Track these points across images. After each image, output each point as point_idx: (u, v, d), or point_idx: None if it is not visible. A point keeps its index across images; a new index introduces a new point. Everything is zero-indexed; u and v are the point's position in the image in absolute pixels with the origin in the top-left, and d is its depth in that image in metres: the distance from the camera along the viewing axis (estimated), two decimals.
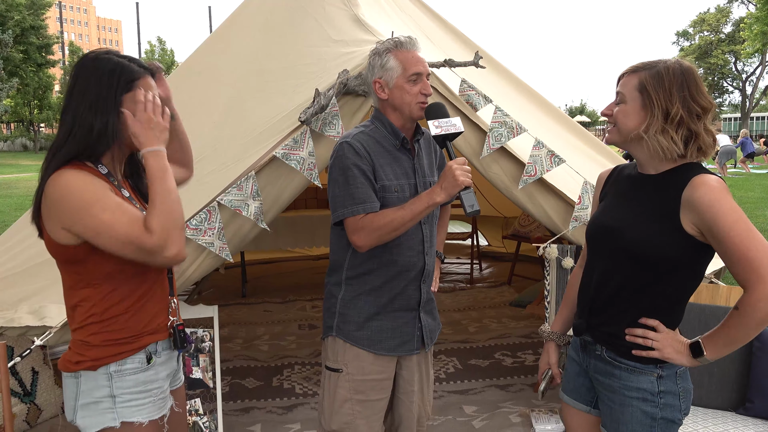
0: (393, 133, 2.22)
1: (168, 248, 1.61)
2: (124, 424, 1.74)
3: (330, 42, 3.63)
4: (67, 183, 1.63)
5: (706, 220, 1.64)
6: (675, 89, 1.72)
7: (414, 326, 2.29)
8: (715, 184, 1.66)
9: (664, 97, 1.72)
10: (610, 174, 2.06)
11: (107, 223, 1.59)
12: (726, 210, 1.61)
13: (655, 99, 1.73)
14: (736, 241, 1.60)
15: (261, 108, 3.37)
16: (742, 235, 1.60)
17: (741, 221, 1.61)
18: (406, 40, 2.22)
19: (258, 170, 2.94)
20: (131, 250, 1.62)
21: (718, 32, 57.31)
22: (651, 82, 1.75)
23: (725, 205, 1.62)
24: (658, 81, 1.74)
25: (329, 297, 2.30)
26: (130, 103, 1.72)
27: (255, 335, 5.14)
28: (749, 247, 1.59)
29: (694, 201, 1.66)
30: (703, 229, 1.66)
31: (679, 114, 1.70)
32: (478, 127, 3.23)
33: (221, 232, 2.88)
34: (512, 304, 5.76)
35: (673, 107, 1.71)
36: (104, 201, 1.62)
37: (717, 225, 1.62)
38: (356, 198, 2.09)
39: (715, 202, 1.63)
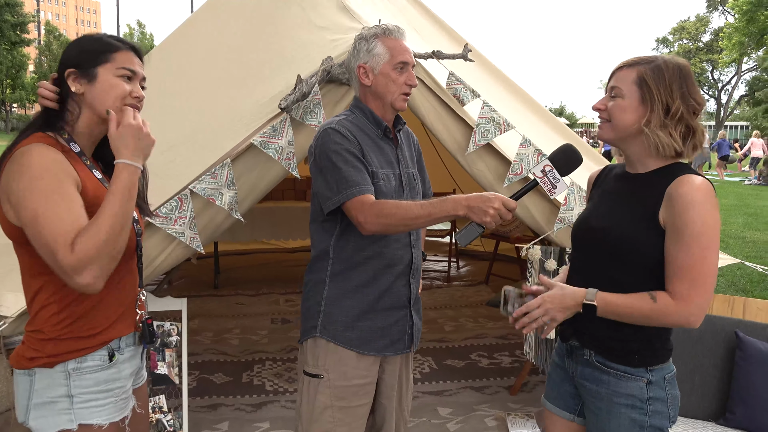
0: (375, 121, 2.13)
1: (81, 275, 1.43)
2: (81, 426, 1.60)
3: (314, 28, 3.49)
4: (30, 159, 1.49)
5: (675, 216, 1.61)
6: (675, 84, 1.68)
7: (405, 324, 2.19)
8: (701, 186, 1.62)
9: (664, 92, 1.68)
10: (598, 174, 2.01)
11: (40, 217, 1.44)
12: (699, 217, 1.58)
13: (656, 93, 1.69)
14: (691, 251, 1.59)
15: (240, 94, 3.23)
16: (700, 251, 1.59)
17: (706, 235, 1.58)
18: (393, 27, 2.13)
19: (234, 158, 2.81)
20: (48, 259, 1.46)
21: (696, 41, 58.21)
22: (651, 76, 1.70)
23: (700, 211, 1.59)
24: (659, 75, 1.69)
25: (311, 296, 2.18)
26: (108, 76, 1.61)
27: (225, 328, 5.00)
28: (696, 266, 1.59)
29: (673, 195, 1.63)
30: (668, 222, 1.64)
31: (680, 110, 1.67)
32: (465, 122, 3.13)
33: (193, 222, 2.74)
34: (489, 304, 5.70)
35: (674, 102, 1.67)
36: (53, 192, 1.47)
37: (683, 228, 1.60)
38: (351, 181, 1.96)
39: (692, 204, 1.59)
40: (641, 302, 1.65)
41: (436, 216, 1.88)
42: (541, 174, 1.91)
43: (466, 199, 1.84)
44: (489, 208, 1.80)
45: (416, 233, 2.22)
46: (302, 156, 2.94)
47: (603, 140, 1.86)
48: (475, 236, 1.87)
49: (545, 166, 1.90)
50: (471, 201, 1.83)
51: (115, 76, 1.62)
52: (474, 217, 1.83)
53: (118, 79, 1.62)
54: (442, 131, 3.13)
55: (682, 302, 1.61)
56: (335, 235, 2.11)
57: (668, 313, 1.63)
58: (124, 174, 1.54)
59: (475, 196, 1.84)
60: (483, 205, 1.81)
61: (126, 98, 1.62)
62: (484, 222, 1.82)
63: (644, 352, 1.76)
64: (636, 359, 1.75)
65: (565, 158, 1.92)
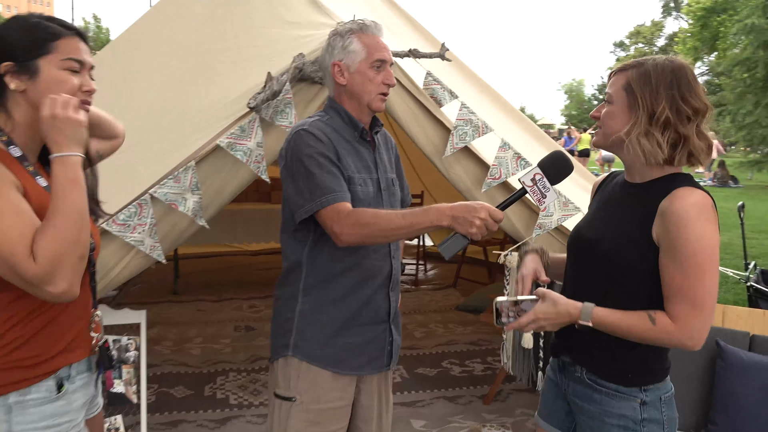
0: (351, 123, 1.99)
1: (54, 282, 1.27)
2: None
3: (283, 23, 3.32)
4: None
5: (668, 234, 1.52)
6: (663, 88, 1.57)
7: (384, 341, 2.05)
8: (697, 201, 1.51)
9: (650, 96, 1.57)
10: (603, 180, 1.91)
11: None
12: (693, 235, 1.48)
13: (641, 98, 1.58)
14: (687, 272, 1.49)
15: (204, 91, 3.03)
16: (696, 271, 1.49)
17: (702, 254, 1.49)
18: (370, 23, 1.99)
19: (199, 160, 2.62)
20: (9, 275, 1.29)
21: (652, 45, 59.77)
22: (637, 81, 1.60)
23: (695, 228, 1.48)
24: (645, 79, 1.59)
25: (282, 311, 2.02)
26: (52, 70, 1.41)
27: (186, 337, 4.77)
28: (694, 287, 1.50)
29: (666, 212, 1.53)
30: (662, 239, 1.54)
31: (665, 115, 1.55)
32: (442, 124, 3.01)
33: (153, 229, 2.54)
34: (459, 309, 5.61)
35: (659, 107, 1.55)
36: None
37: (678, 247, 1.50)
38: (325, 187, 1.82)
39: (686, 221, 1.49)
40: (640, 323, 1.55)
41: (418, 227, 1.76)
42: (531, 183, 1.78)
43: (451, 209, 1.71)
44: (475, 218, 1.67)
45: (395, 242, 2.08)
46: (272, 158, 2.77)
47: (597, 147, 1.76)
48: (459, 248, 1.74)
49: (535, 174, 1.78)
50: (456, 211, 1.70)
51: (60, 69, 1.42)
52: (459, 228, 1.70)
53: (64, 73, 1.42)
54: (418, 133, 3.00)
55: (680, 325, 1.51)
56: (308, 246, 1.96)
57: (667, 335, 1.53)
58: (55, 168, 1.35)
59: (460, 205, 1.71)
60: (468, 215, 1.68)
61: (76, 94, 1.43)
62: (469, 233, 1.69)
63: (638, 371, 1.66)
64: (629, 378, 1.66)
65: (556, 166, 1.80)
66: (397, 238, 1.85)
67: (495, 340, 4.77)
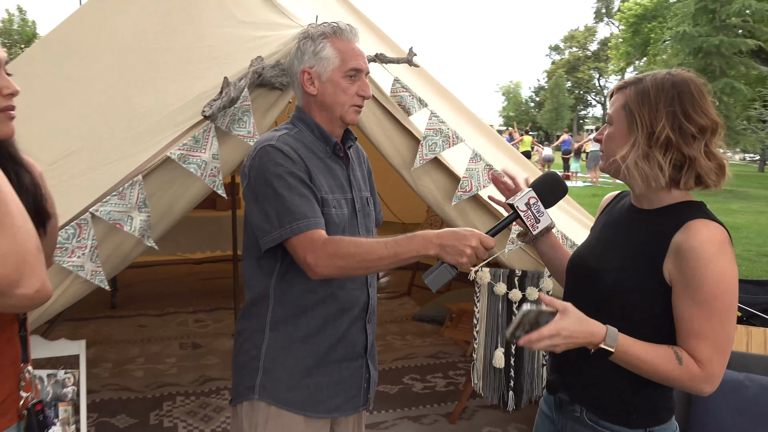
0: (322, 137, 1.79)
1: (23, 282, 1.05)
2: None
3: (236, 23, 3.07)
4: None
5: (686, 274, 1.38)
6: (662, 105, 1.43)
7: (361, 378, 1.87)
8: (715, 235, 1.38)
9: (649, 114, 1.44)
10: (612, 199, 1.77)
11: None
12: (714, 276, 1.36)
13: (639, 117, 1.45)
14: (709, 315, 1.37)
15: (151, 95, 2.75)
16: (719, 314, 1.37)
17: (724, 296, 1.37)
18: (346, 27, 1.79)
19: (146, 174, 2.35)
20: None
21: (585, 49, 61.73)
22: (634, 99, 1.46)
23: (716, 268, 1.36)
24: (643, 97, 1.46)
25: (246, 348, 1.80)
26: None
27: (127, 357, 4.42)
28: (717, 330, 1.38)
29: (682, 249, 1.39)
30: (677, 278, 1.40)
31: (664, 134, 1.41)
32: (411, 134, 2.84)
33: (94, 252, 2.26)
34: (415, 319, 5.45)
35: (658, 125, 1.42)
36: None
37: (697, 289, 1.37)
38: (296, 212, 1.62)
39: (706, 261, 1.36)
40: (666, 361, 1.40)
41: (402, 257, 1.57)
42: (525, 207, 1.63)
43: (438, 237, 1.53)
44: (465, 247, 1.51)
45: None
46: (229, 171, 2.54)
47: (605, 172, 1.62)
48: (447, 279, 1.56)
49: (530, 198, 1.63)
50: (444, 239, 1.53)
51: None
52: (447, 258, 1.53)
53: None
54: (385, 144, 2.82)
55: (705, 368, 1.39)
56: (276, 276, 1.76)
57: (690, 378, 1.40)
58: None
59: (448, 233, 1.54)
60: (458, 243, 1.51)
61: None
62: (459, 263, 1.52)
63: (643, 411, 1.53)
64: (633, 419, 1.53)
65: (551, 189, 1.66)
66: (378, 270, 1.66)
67: (455, 353, 4.64)
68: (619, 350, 1.39)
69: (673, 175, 1.45)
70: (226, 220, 5.69)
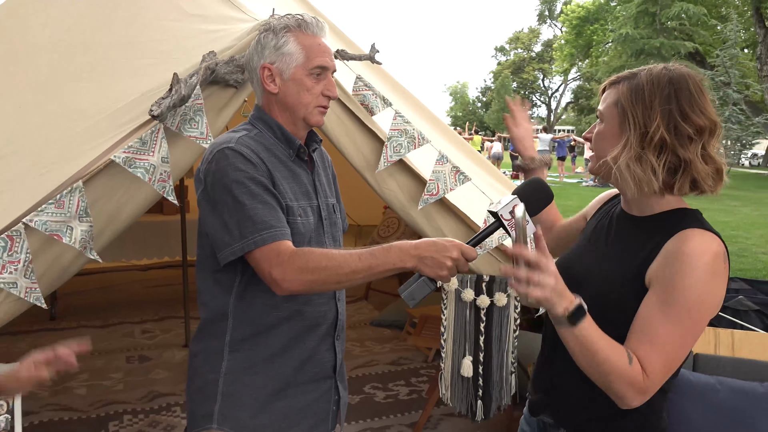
0: (285, 139, 1.64)
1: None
2: None
3: (184, 16, 2.87)
4: None
5: (667, 276, 1.27)
6: (657, 102, 1.31)
7: (330, 400, 1.74)
8: (711, 248, 1.27)
9: (642, 113, 1.32)
10: (605, 202, 1.65)
11: None
12: (698, 288, 1.24)
13: (632, 116, 1.33)
14: (675, 326, 1.25)
15: (90, 94, 2.51)
16: (685, 328, 1.25)
17: (696, 312, 1.25)
18: (312, 20, 1.63)
19: (87, 179, 2.13)
20: None
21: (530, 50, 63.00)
22: (628, 95, 1.34)
23: (700, 280, 1.24)
24: (637, 93, 1.34)
25: (202, 372, 1.64)
26: None
27: (68, 374, 4.12)
28: (675, 344, 1.25)
29: (672, 253, 1.28)
30: (656, 279, 1.29)
31: (659, 134, 1.30)
32: (374, 134, 2.70)
33: (29, 267, 2.03)
34: (374, 324, 5.32)
35: (652, 125, 1.30)
36: None
37: (674, 294, 1.25)
38: (259, 222, 1.46)
39: (694, 269, 1.24)
40: (618, 358, 1.25)
41: (377, 270, 1.43)
42: (509, 216, 1.50)
43: (416, 248, 1.41)
44: (446, 259, 1.39)
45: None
46: (179, 175, 2.34)
47: (594, 174, 1.50)
48: (425, 294, 1.43)
49: (514, 206, 1.50)
50: (422, 250, 1.40)
51: None
52: (427, 271, 1.40)
53: None
54: (348, 145, 2.67)
55: (648, 378, 1.25)
56: (236, 291, 1.60)
57: (632, 384, 1.24)
58: None
59: (427, 243, 1.41)
60: (438, 255, 1.39)
61: None
62: (439, 277, 1.40)
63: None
64: None
65: (536, 195, 1.53)
66: (351, 284, 1.50)
67: (416, 358, 4.53)
68: (586, 324, 1.24)
69: (666, 180, 1.33)
70: (174, 224, 5.42)
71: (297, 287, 1.45)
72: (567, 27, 38.48)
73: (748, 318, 3.83)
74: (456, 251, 1.40)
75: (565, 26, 39.15)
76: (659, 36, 21.73)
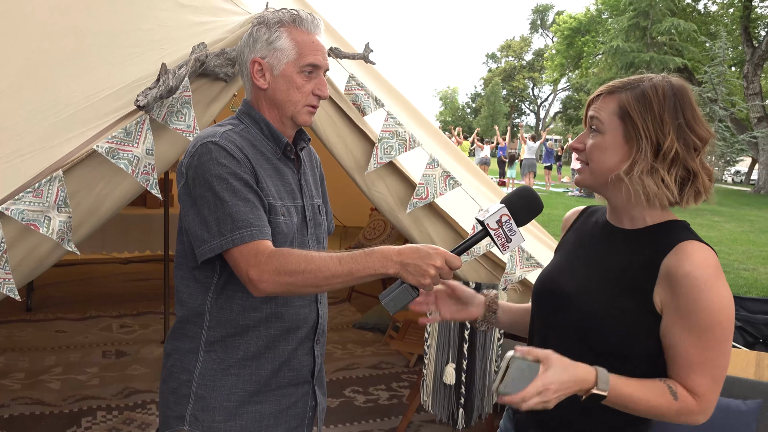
0: (272, 136, 1.59)
1: None
2: None
3: (175, 5, 2.80)
4: None
5: (680, 301, 1.25)
6: (667, 115, 1.30)
7: (306, 405, 1.69)
8: (709, 259, 1.27)
9: (653, 125, 1.30)
10: (578, 216, 1.62)
11: None
12: (712, 303, 1.24)
13: (642, 128, 1.30)
14: (707, 345, 1.25)
15: (74, 80, 2.44)
16: (718, 344, 1.26)
17: (722, 324, 1.25)
18: (307, 16, 1.59)
19: (68, 168, 2.07)
20: None
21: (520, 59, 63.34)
22: (635, 106, 1.31)
23: (714, 295, 1.24)
24: (645, 104, 1.31)
25: (175, 372, 1.59)
26: None
27: (43, 367, 4.03)
28: (715, 361, 1.26)
29: (674, 275, 1.26)
30: (669, 305, 1.28)
31: (674, 148, 1.28)
32: (365, 135, 2.65)
33: (3, 257, 1.96)
34: (356, 326, 5.27)
35: (666, 139, 1.29)
36: None
37: (694, 317, 1.25)
38: (239, 219, 1.42)
39: (703, 287, 1.24)
40: (661, 398, 1.26)
41: (358, 275, 1.38)
42: (496, 225, 1.46)
43: (399, 254, 1.36)
44: (429, 267, 1.34)
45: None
46: (164, 168, 2.29)
47: (581, 185, 1.46)
48: (408, 301, 1.40)
49: (502, 215, 1.46)
50: (405, 257, 1.36)
51: None
52: (409, 278, 1.36)
53: None
54: (337, 145, 2.63)
55: (701, 401, 1.26)
56: (213, 290, 1.56)
57: (689, 412, 1.26)
58: None
59: (410, 250, 1.37)
60: (421, 262, 1.35)
61: None
62: (422, 285, 1.36)
63: None
64: None
65: (526, 205, 1.48)
66: (330, 288, 1.45)
67: (398, 363, 4.49)
68: (612, 393, 1.25)
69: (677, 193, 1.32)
70: (157, 218, 5.35)
71: (273, 289, 1.40)
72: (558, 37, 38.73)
73: None
74: (440, 259, 1.36)
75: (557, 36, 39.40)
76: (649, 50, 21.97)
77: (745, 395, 2.60)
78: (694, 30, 22.69)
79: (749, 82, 23.31)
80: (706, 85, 19.54)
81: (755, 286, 7.63)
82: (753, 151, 24.20)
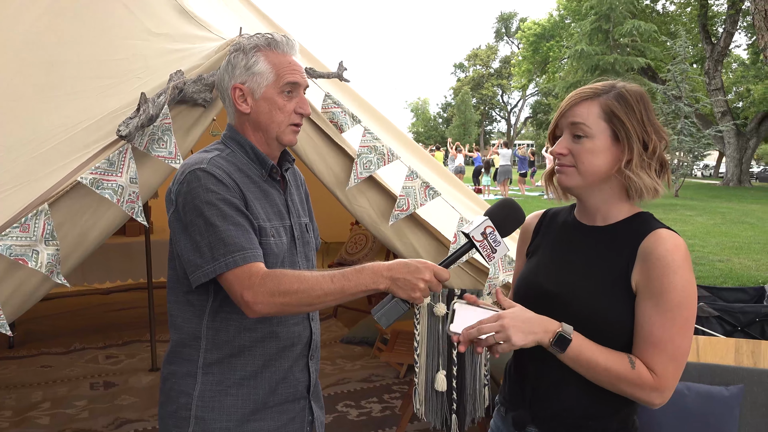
0: (257, 159, 1.64)
1: None
2: None
3: (148, 35, 2.84)
4: None
5: (652, 280, 1.36)
6: (644, 115, 1.43)
7: (303, 420, 1.72)
8: (680, 245, 1.38)
9: (638, 125, 1.42)
10: (540, 221, 1.68)
11: None
12: (680, 284, 1.34)
13: (631, 128, 1.41)
14: (670, 323, 1.35)
15: (54, 113, 2.46)
16: (681, 323, 1.35)
17: (686, 305, 1.35)
18: (281, 39, 1.64)
19: (53, 201, 2.09)
20: None
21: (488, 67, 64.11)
22: (621, 108, 1.42)
23: (681, 277, 1.35)
24: (626, 106, 1.42)
25: (174, 395, 1.61)
26: None
27: (30, 403, 3.99)
28: (676, 340, 1.35)
29: (649, 256, 1.37)
30: (642, 285, 1.38)
31: (659, 146, 1.43)
32: (344, 152, 2.71)
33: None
34: (344, 341, 5.29)
35: (650, 136, 1.42)
36: None
37: (662, 296, 1.35)
38: (231, 244, 1.45)
39: (673, 268, 1.35)
40: (618, 364, 1.36)
41: (350, 292, 1.43)
42: (481, 237, 1.52)
43: (389, 270, 1.42)
44: (419, 281, 1.40)
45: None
46: (148, 196, 2.31)
47: (566, 188, 1.53)
48: (399, 315, 1.45)
49: (486, 227, 1.52)
50: (395, 272, 1.42)
51: None
52: (399, 293, 1.41)
53: None
54: (317, 162, 2.68)
55: (659, 379, 1.35)
56: (208, 314, 1.59)
57: (640, 386, 1.35)
58: None
59: (399, 265, 1.42)
60: (411, 277, 1.40)
61: None
62: (412, 298, 1.42)
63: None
64: None
65: (508, 217, 1.53)
66: (323, 306, 1.50)
67: (388, 375, 4.52)
68: (575, 345, 1.35)
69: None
70: (138, 246, 5.33)
71: (268, 310, 1.44)
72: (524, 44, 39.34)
73: (710, 324, 3.94)
74: (429, 273, 1.41)
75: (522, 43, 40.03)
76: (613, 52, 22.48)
77: (726, 381, 2.68)
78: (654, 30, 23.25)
79: (711, 78, 23.93)
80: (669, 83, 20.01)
81: (730, 276, 7.81)
82: (719, 145, 24.79)
